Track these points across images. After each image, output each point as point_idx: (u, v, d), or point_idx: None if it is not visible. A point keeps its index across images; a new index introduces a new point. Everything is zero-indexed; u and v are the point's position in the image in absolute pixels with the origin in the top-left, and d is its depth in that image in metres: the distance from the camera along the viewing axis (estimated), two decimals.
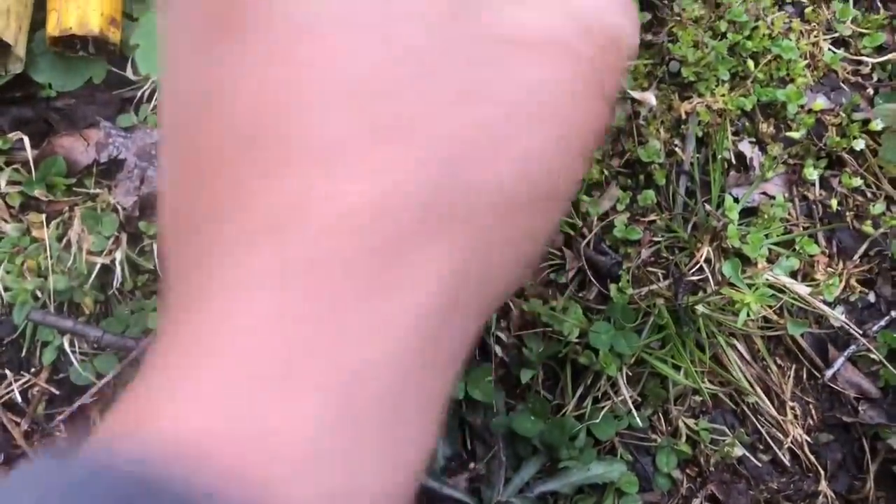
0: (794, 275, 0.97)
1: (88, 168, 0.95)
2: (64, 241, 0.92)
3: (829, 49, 1.04)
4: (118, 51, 0.97)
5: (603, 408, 0.92)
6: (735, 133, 1.02)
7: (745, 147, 1.01)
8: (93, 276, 0.90)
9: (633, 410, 0.91)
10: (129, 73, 0.98)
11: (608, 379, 0.92)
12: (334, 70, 0.17)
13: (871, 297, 1.00)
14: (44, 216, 0.92)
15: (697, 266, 0.94)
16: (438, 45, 0.18)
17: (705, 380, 0.93)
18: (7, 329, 0.91)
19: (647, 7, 1.03)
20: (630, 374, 0.93)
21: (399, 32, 0.17)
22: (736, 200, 0.98)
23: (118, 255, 0.90)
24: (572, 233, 0.97)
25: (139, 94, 0.98)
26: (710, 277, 0.94)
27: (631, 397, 0.91)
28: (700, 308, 0.92)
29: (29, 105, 0.98)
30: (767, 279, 0.94)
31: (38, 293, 0.90)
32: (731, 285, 0.93)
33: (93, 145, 0.96)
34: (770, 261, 0.97)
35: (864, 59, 1.05)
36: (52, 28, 0.93)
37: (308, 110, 0.17)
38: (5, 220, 0.92)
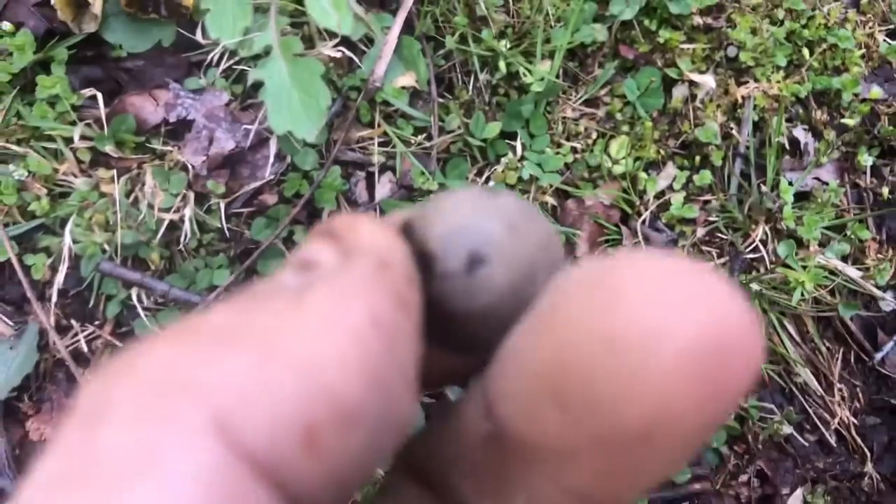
0: (844, 259, 0.99)
1: (157, 127, 0.97)
2: (132, 196, 0.93)
3: (885, 40, 1.06)
4: (189, 14, 0.99)
5: None
6: (789, 119, 1.04)
7: (800, 133, 1.03)
8: (160, 231, 0.92)
9: None
10: (197, 36, 1.00)
11: None
12: None
13: None
14: (113, 172, 0.94)
15: (752, 245, 0.96)
16: None
17: None
18: (74, 281, 0.93)
19: None
20: None
21: None
22: (790, 184, 0.99)
23: (187, 212, 0.92)
24: (629, 210, 0.99)
25: (207, 57, 0.99)
26: (765, 257, 0.96)
27: None
28: (754, 286, 0.93)
29: (99, 65, 1.00)
30: (819, 262, 0.96)
31: (106, 247, 0.91)
32: (785, 265, 0.94)
33: (162, 105, 0.97)
34: (822, 244, 0.98)
35: None
36: None
37: None
38: (75, 175, 0.94)
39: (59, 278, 0.91)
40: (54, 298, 0.91)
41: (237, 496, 0.15)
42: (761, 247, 0.96)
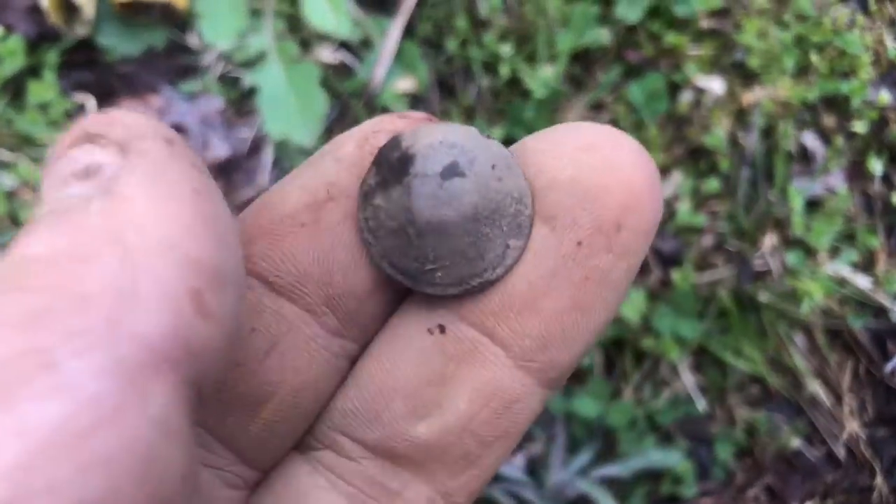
0: (854, 268, 0.97)
1: None
2: None
3: (894, 46, 1.04)
4: (183, 18, 0.97)
5: (662, 394, 0.91)
6: (798, 125, 1.02)
7: (808, 139, 1.01)
8: None
9: (696, 397, 0.90)
10: (189, 41, 0.98)
11: (669, 365, 0.92)
12: None
13: None
14: None
15: (761, 254, 0.94)
16: None
17: (762, 369, 0.93)
18: None
19: None
20: (691, 361, 0.92)
21: None
22: (798, 191, 0.97)
23: None
24: None
25: (202, 62, 0.97)
26: (772, 266, 0.94)
27: (696, 384, 0.91)
28: (762, 297, 0.91)
29: (91, 69, 0.98)
30: (828, 271, 0.94)
31: None
32: (794, 275, 0.92)
33: (155, 111, 0.95)
34: (831, 253, 0.96)
35: None
36: None
37: None
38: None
39: None
40: None
41: (145, 391, 0.15)
42: (769, 256, 0.94)
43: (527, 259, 0.23)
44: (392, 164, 0.22)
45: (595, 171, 0.22)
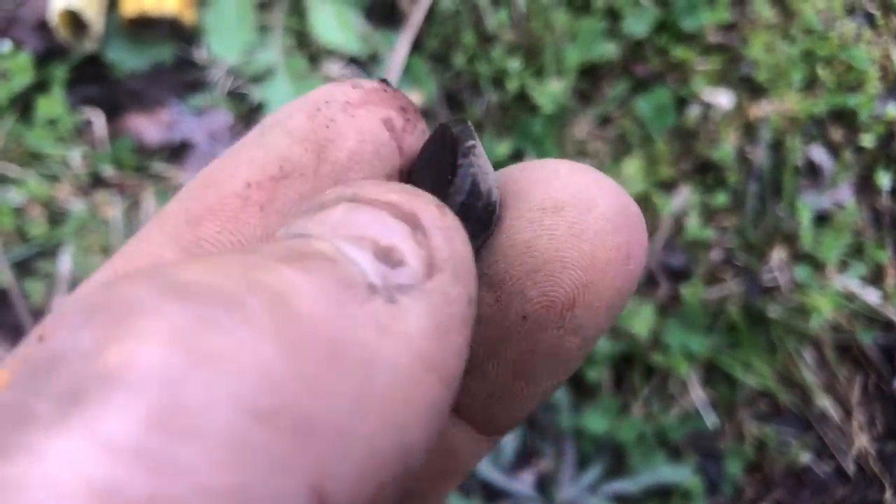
0: (862, 282, 0.97)
1: (158, 148, 0.95)
2: (132, 219, 0.91)
3: None
4: (191, 33, 0.97)
5: (671, 409, 0.91)
6: (806, 139, 1.02)
7: (816, 153, 1.01)
8: None
9: (705, 412, 0.90)
10: (196, 56, 0.98)
11: (678, 380, 0.91)
12: None
13: None
14: (113, 194, 0.91)
15: (769, 269, 0.94)
16: None
17: (771, 383, 0.92)
18: None
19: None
20: (699, 376, 0.92)
21: None
22: (806, 206, 0.97)
23: None
24: None
25: (210, 77, 0.97)
26: (781, 281, 0.93)
27: (705, 399, 0.90)
28: (771, 312, 0.91)
29: (98, 85, 0.98)
30: (837, 286, 0.94)
31: None
32: (803, 290, 0.92)
33: (162, 125, 0.95)
34: (839, 267, 0.96)
35: None
36: (130, 10, 0.92)
37: None
38: (75, 197, 0.91)
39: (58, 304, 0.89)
40: None
41: None
42: (777, 271, 0.94)
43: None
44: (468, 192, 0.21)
45: (553, 239, 0.19)
